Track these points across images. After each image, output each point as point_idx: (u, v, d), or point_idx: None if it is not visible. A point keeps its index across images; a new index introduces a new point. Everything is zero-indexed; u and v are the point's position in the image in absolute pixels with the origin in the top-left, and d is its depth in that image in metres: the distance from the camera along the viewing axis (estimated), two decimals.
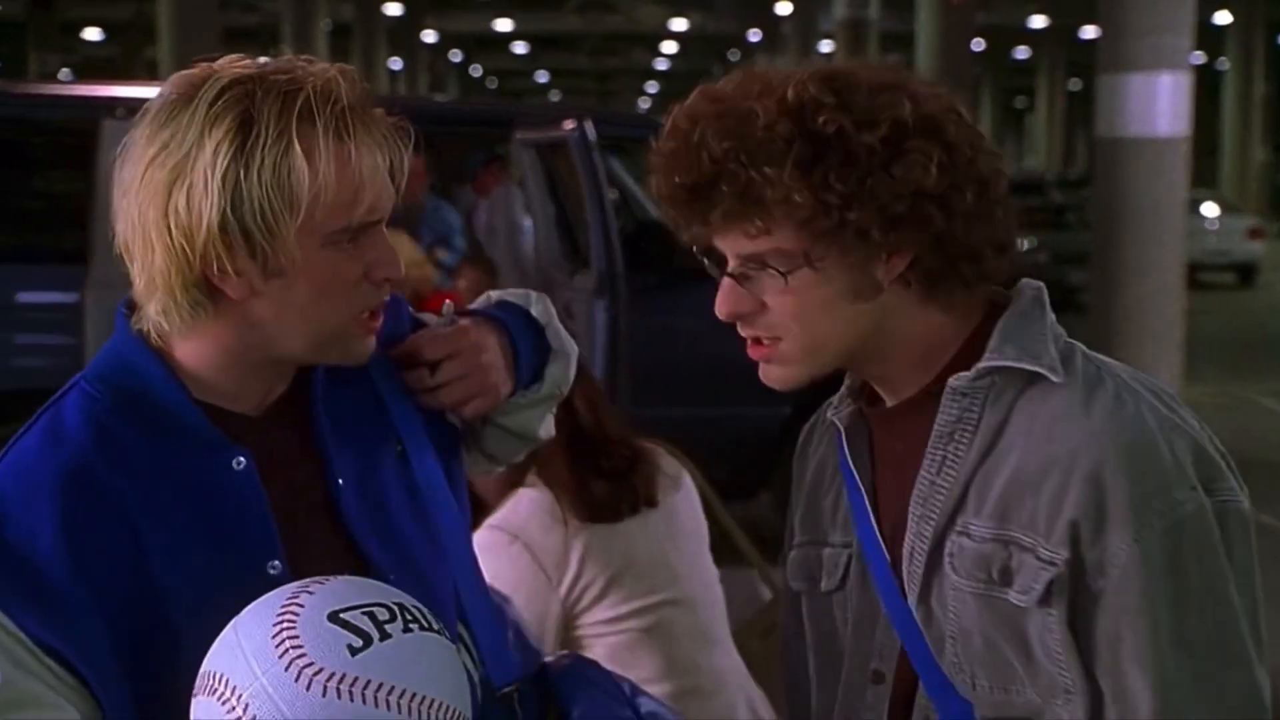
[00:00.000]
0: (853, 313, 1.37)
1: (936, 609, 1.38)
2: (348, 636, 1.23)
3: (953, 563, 1.36)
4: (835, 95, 1.32)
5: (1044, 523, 1.32)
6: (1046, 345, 1.39)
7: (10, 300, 6.16)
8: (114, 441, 1.37)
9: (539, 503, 2.57)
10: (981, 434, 1.37)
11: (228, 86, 1.34)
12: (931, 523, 1.38)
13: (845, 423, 1.48)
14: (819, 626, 1.53)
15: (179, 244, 1.33)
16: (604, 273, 6.09)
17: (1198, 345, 12.60)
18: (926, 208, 1.32)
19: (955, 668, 1.37)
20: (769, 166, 1.31)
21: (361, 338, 1.43)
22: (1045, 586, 1.31)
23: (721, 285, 1.40)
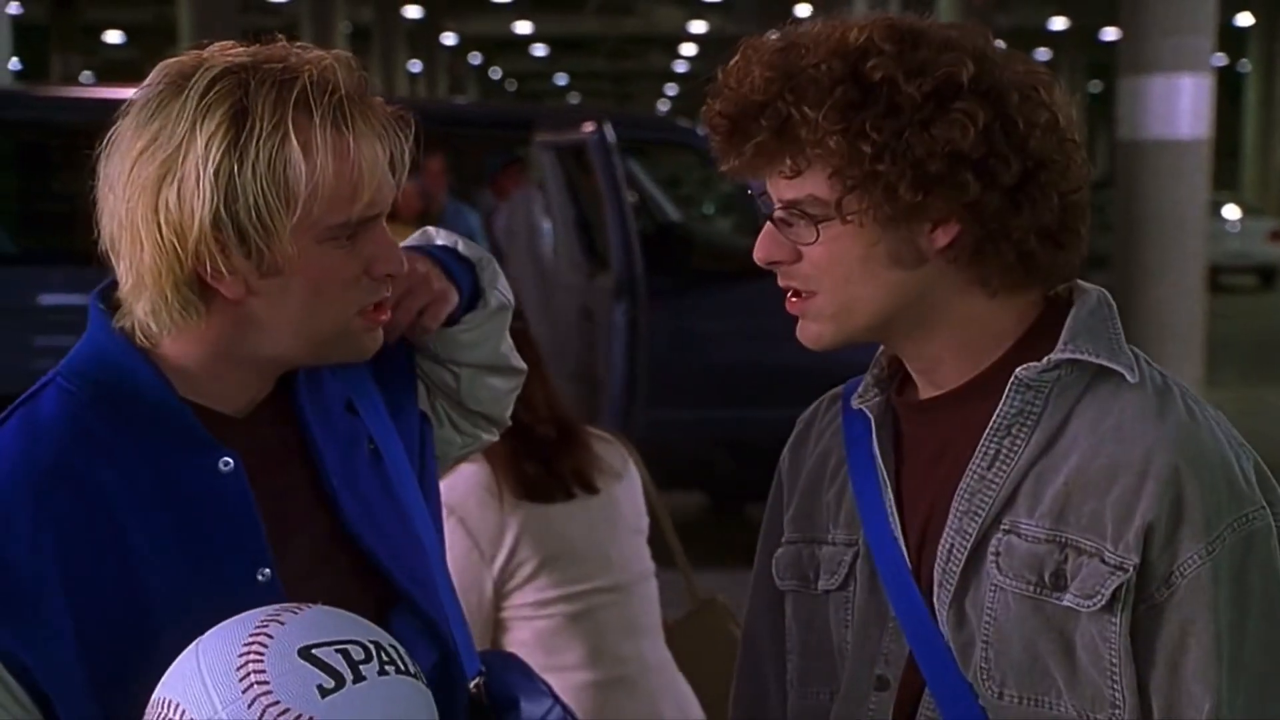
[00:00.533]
0: (890, 279, 1.32)
1: (970, 611, 1.32)
2: (319, 676, 1.14)
3: (998, 562, 1.31)
4: (895, 44, 1.28)
5: (1111, 526, 1.27)
6: (1121, 344, 1.35)
7: (32, 302, 6.20)
8: (95, 439, 1.30)
9: (478, 477, 2.58)
10: (1041, 430, 1.32)
11: (219, 76, 1.27)
12: (977, 519, 1.32)
13: (875, 412, 1.42)
14: (809, 628, 1.47)
15: (169, 242, 1.26)
16: (623, 275, 6.10)
17: (1218, 348, 12.55)
18: (962, 172, 1.27)
19: (983, 674, 1.31)
20: (809, 106, 1.27)
21: (367, 333, 1.36)
22: (1112, 592, 1.26)
23: (763, 229, 1.36)
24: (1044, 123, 1.30)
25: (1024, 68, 1.33)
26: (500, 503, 2.57)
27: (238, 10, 14.90)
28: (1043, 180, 1.30)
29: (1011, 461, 1.32)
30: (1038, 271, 1.33)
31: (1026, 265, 1.32)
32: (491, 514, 2.57)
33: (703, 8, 28.39)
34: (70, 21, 25.86)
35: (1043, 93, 1.31)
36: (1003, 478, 1.32)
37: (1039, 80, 1.33)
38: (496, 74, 46.37)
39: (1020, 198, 1.29)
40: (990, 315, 1.35)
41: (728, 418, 6.53)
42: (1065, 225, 1.32)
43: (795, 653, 1.49)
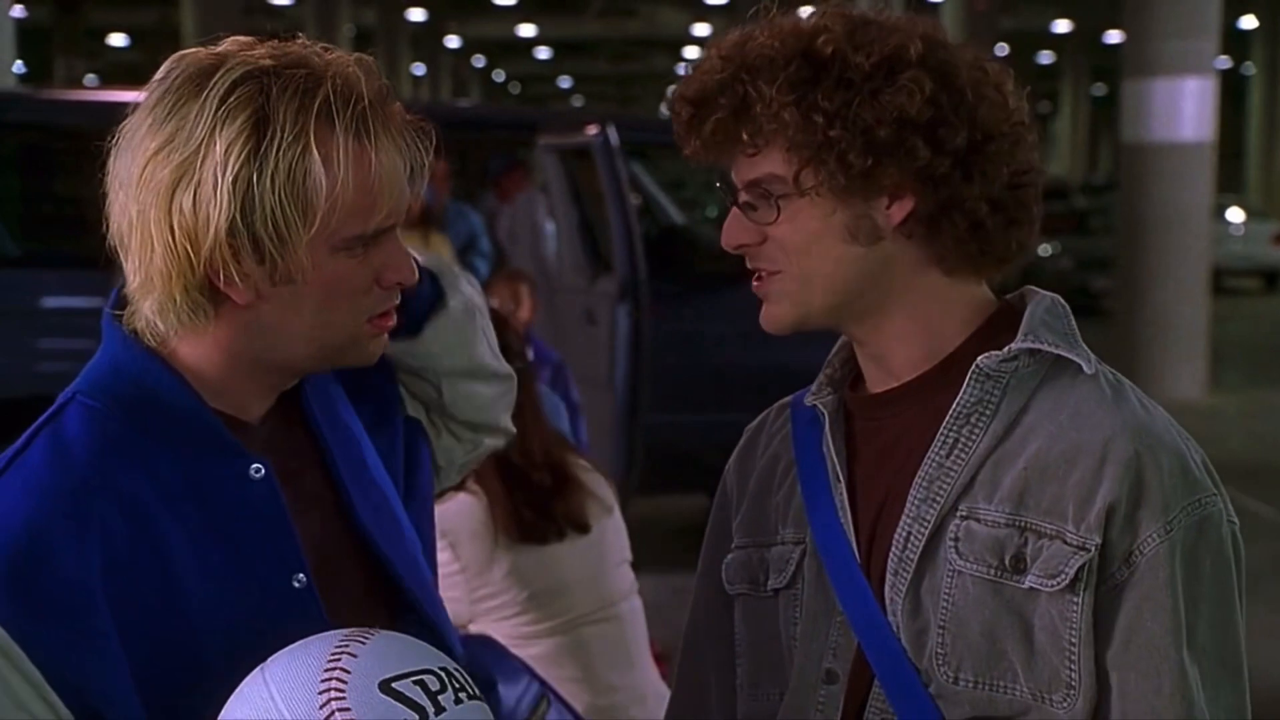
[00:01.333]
0: (849, 254, 1.36)
1: (926, 598, 1.34)
2: (403, 711, 1.14)
3: (957, 547, 1.33)
4: (845, 24, 1.34)
5: (1073, 508, 1.30)
6: (1078, 338, 1.39)
7: (35, 305, 6.20)
8: (128, 453, 1.29)
9: (472, 510, 2.61)
10: (999, 419, 1.35)
11: (241, 80, 1.25)
12: (935, 506, 1.35)
13: (829, 409, 1.45)
14: (758, 629, 1.48)
15: (181, 246, 1.24)
16: (626, 278, 6.10)
17: (1222, 351, 12.55)
18: (911, 138, 1.31)
19: (939, 659, 1.33)
20: (764, 82, 1.32)
21: (373, 340, 1.36)
22: (1075, 572, 1.29)
23: (729, 215, 1.40)
24: (992, 98, 1.35)
25: (974, 55, 1.38)
26: (493, 541, 2.61)
27: (241, 13, 14.92)
28: (991, 151, 1.34)
29: (970, 449, 1.35)
30: (991, 247, 1.37)
31: (979, 239, 1.36)
32: (482, 548, 2.61)
33: (705, 10, 28.40)
34: (74, 24, 25.88)
35: (990, 74, 1.36)
36: (961, 465, 1.35)
37: (989, 68, 1.37)
38: (500, 77, 46.41)
39: (970, 167, 1.33)
40: (947, 298, 1.39)
41: (731, 420, 6.52)
42: (1018, 200, 1.37)
43: (745, 656, 1.50)
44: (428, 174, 1.34)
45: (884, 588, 1.36)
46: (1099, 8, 25.30)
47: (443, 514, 2.56)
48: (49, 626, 1.22)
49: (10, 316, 6.26)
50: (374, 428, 1.48)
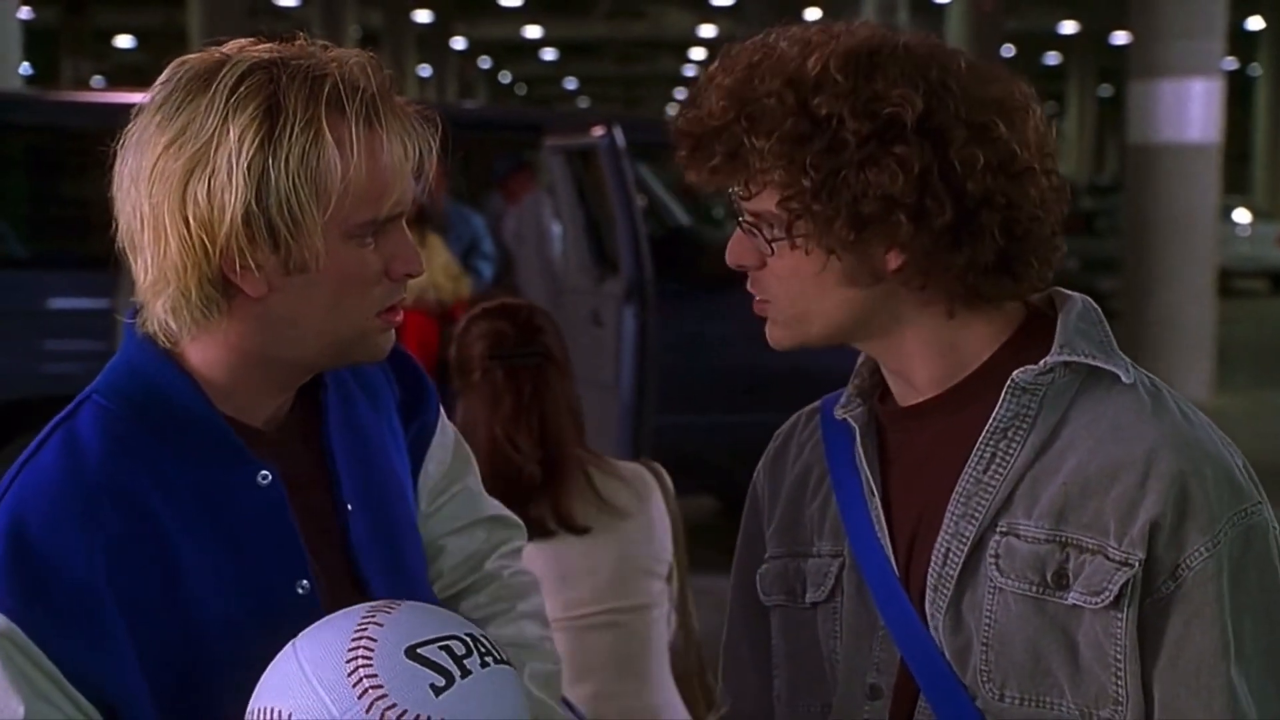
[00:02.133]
0: (846, 295, 1.35)
1: (968, 614, 1.33)
2: (430, 675, 1.16)
3: (998, 564, 1.32)
4: (850, 78, 1.30)
5: (1114, 523, 1.28)
6: (1113, 346, 1.37)
7: (43, 306, 6.21)
8: (137, 455, 1.30)
9: None
10: (1036, 432, 1.33)
11: (249, 71, 1.26)
12: (975, 522, 1.33)
13: (859, 421, 1.43)
14: (796, 641, 1.47)
15: (198, 236, 1.25)
16: (633, 279, 6.09)
17: (1229, 352, 12.53)
18: (895, 213, 1.29)
19: (983, 676, 1.32)
20: (759, 136, 1.30)
21: (382, 333, 1.36)
22: (1119, 588, 1.27)
23: (734, 232, 1.39)
24: (991, 162, 1.30)
25: (997, 89, 1.33)
26: None
27: (247, 14, 14.94)
28: (983, 220, 1.31)
29: (1008, 464, 1.34)
30: (989, 297, 1.35)
31: (974, 293, 1.34)
32: None
33: (712, 11, 28.41)
34: (80, 26, 25.92)
35: (1001, 122, 1.31)
36: (999, 480, 1.33)
37: (1006, 103, 1.33)
38: (506, 78, 46.42)
39: (960, 236, 1.31)
40: (956, 333, 1.37)
41: (738, 422, 6.52)
42: (1016, 256, 1.33)
43: (782, 667, 1.49)
44: (434, 162, 1.35)
45: (924, 603, 1.35)
46: (1105, 9, 25.27)
47: None
48: (62, 626, 1.24)
49: (17, 317, 6.27)
50: (406, 423, 1.50)
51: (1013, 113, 1.33)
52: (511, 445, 2.60)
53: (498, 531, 1.61)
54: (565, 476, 2.64)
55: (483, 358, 2.63)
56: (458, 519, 1.57)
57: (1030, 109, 1.35)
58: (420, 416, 1.52)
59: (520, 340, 2.65)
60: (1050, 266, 1.37)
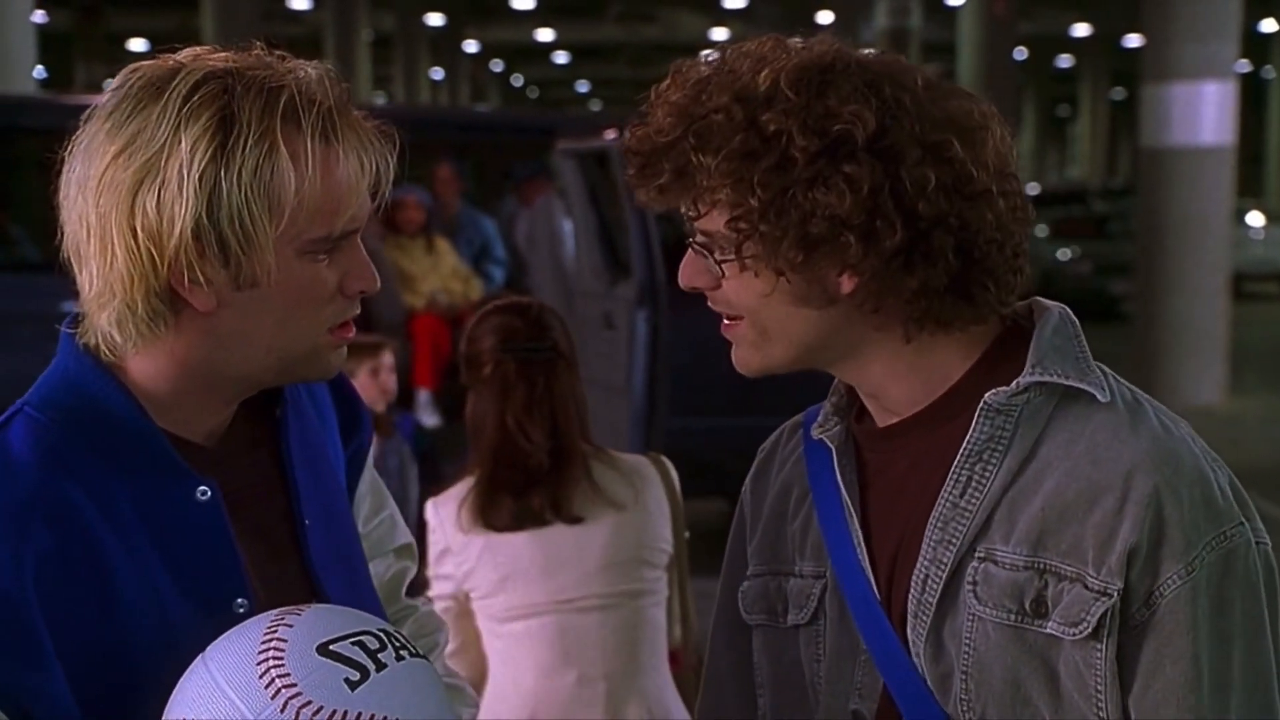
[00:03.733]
0: (800, 314, 1.32)
1: (948, 642, 1.30)
2: (344, 670, 1.14)
3: (975, 591, 1.29)
4: (801, 94, 1.26)
5: (1093, 551, 1.26)
6: (1089, 363, 1.33)
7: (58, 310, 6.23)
8: (71, 468, 1.26)
9: (463, 489, 2.71)
10: (1013, 454, 1.30)
11: (203, 80, 1.23)
12: (952, 548, 1.30)
13: (835, 441, 1.40)
14: (778, 662, 1.44)
15: (145, 248, 1.21)
16: (645, 282, 6.09)
17: (1242, 356, 12.49)
18: (844, 234, 1.26)
19: (963, 705, 1.29)
20: (706, 153, 1.27)
21: (333, 351, 1.33)
22: (1098, 619, 1.25)
23: (686, 253, 1.37)
24: (944, 182, 1.27)
25: (954, 106, 1.30)
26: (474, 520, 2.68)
27: (260, 17, 14.97)
28: (935, 242, 1.27)
29: (984, 488, 1.31)
30: (945, 322, 1.32)
31: (931, 317, 1.31)
32: (464, 523, 2.68)
33: (724, 15, 28.41)
34: (94, 30, 25.99)
35: (956, 143, 1.28)
36: (976, 505, 1.31)
37: (963, 123, 1.29)
38: (518, 81, 46.44)
39: (913, 259, 1.28)
40: (919, 356, 1.34)
41: (749, 425, 6.51)
42: (971, 280, 1.30)
43: (766, 688, 1.47)
44: (391, 178, 1.32)
45: (906, 629, 1.33)
46: (1118, 11, 25.22)
47: (448, 493, 2.70)
48: None
49: (32, 320, 6.28)
50: (344, 440, 1.49)
51: (971, 132, 1.30)
52: (523, 435, 2.67)
53: (403, 559, 1.60)
54: (569, 467, 2.70)
55: (494, 351, 2.69)
56: (383, 544, 1.56)
57: (990, 128, 1.31)
58: (357, 436, 1.51)
59: (531, 335, 2.70)
60: (1010, 290, 1.33)
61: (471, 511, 2.67)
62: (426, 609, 1.63)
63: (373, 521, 1.54)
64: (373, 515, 1.55)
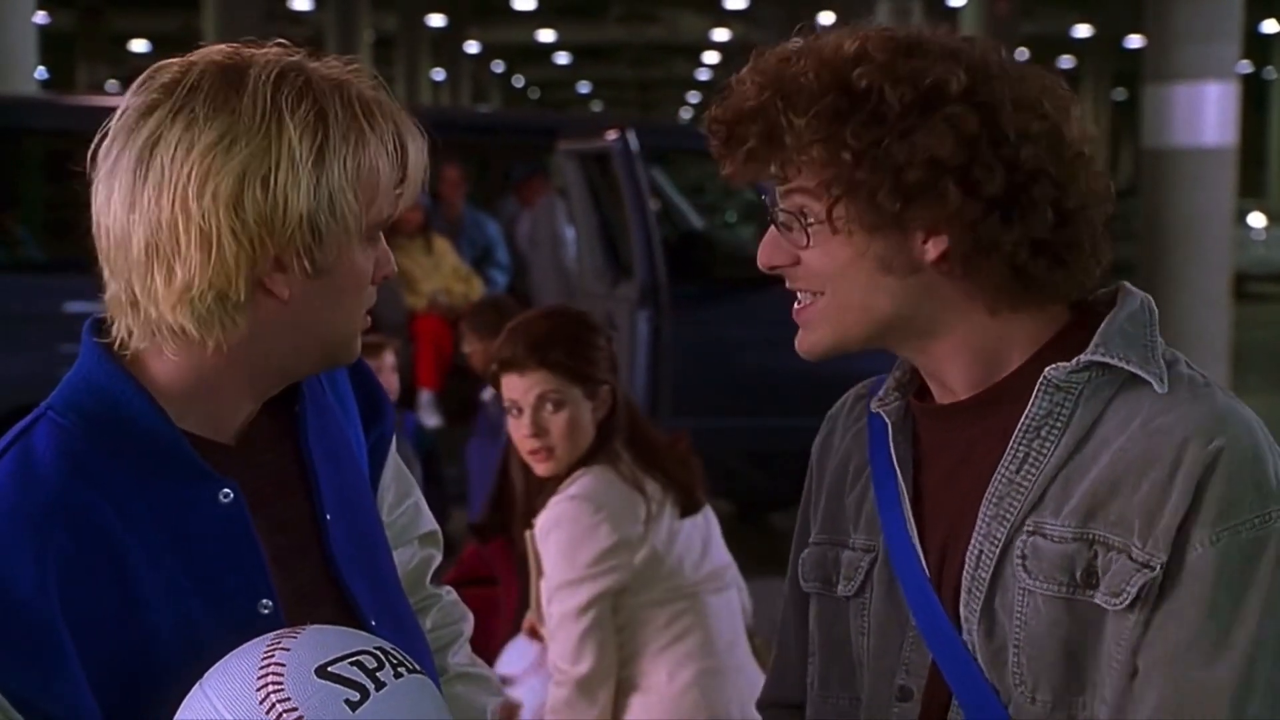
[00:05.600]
0: (885, 284, 1.31)
1: (1001, 616, 1.30)
2: (344, 691, 1.14)
3: (1025, 565, 1.29)
4: (887, 54, 1.28)
5: (1139, 521, 1.25)
6: (1154, 351, 1.32)
7: (61, 310, 6.23)
8: (93, 474, 1.26)
9: (615, 480, 2.69)
10: (1071, 432, 1.30)
11: (284, 73, 1.26)
12: (1006, 523, 1.30)
13: (893, 417, 1.41)
14: (829, 632, 1.46)
15: (256, 235, 1.23)
16: (647, 283, 6.10)
17: (1244, 357, 12.49)
18: (943, 181, 1.25)
19: (1016, 678, 1.29)
20: (795, 113, 1.27)
21: (360, 335, 1.36)
22: (1138, 590, 1.24)
23: (767, 233, 1.37)
24: (1040, 134, 1.27)
25: (1038, 82, 1.31)
26: (646, 504, 2.68)
27: (262, 18, 14.97)
28: (1035, 193, 1.27)
29: (1040, 464, 1.30)
30: (1036, 288, 1.31)
31: (1022, 281, 1.30)
32: (634, 510, 2.67)
33: (726, 15, 28.40)
34: (96, 30, 26.01)
35: (1048, 105, 1.29)
36: (1031, 480, 1.30)
37: (1050, 94, 1.31)
38: (520, 82, 46.44)
39: (1011, 210, 1.27)
40: (995, 332, 1.34)
41: (751, 426, 6.52)
42: (1066, 241, 1.29)
43: (816, 655, 1.48)
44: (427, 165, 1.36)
45: (958, 606, 1.33)
46: (1120, 12, 25.23)
47: (591, 489, 2.67)
48: (7, 648, 1.21)
49: (35, 321, 6.29)
50: (367, 429, 1.50)
51: (1061, 98, 1.31)
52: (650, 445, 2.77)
53: (428, 547, 1.60)
54: (689, 458, 2.84)
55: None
56: (407, 531, 1.56)
57: (1072, 105, 1.32)
58: (379, 426, 1.52)
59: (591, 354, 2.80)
60: (1095, 266, 1.33)
61: (674, 503, 2.72)
62: (450, 598, 1.62)
63: (397, 510, 1.55)
64: (397, 503, 1.55)
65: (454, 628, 1.60)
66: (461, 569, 3.39)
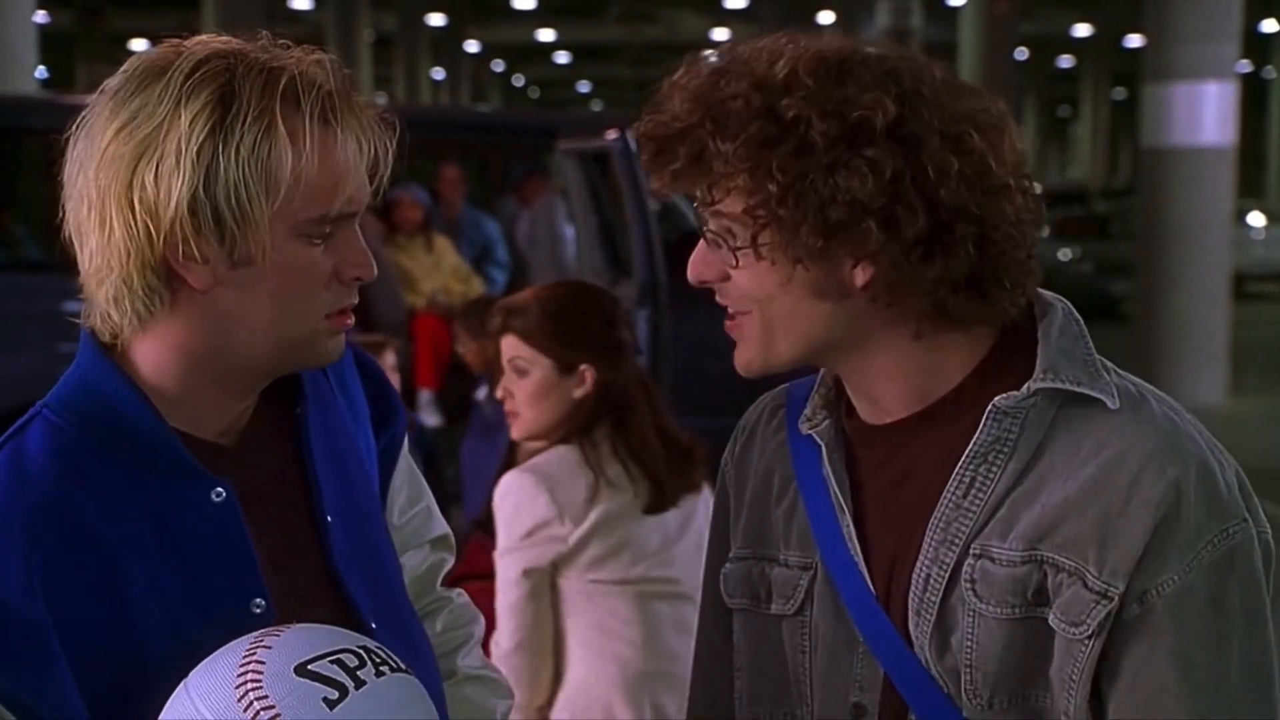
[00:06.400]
0: (813, 308, 1.31)
1: (952, 637, 1.30)
2: (322, 689, 1.14)
3: (975, 588, 1.29)
4: (819, 80, 1.26)
5: (1094, 548, 1.25)
6: (1097, 367, 1.32)
7: (60, 310, 6.24)
8: (84, 475, 1.26)
9: (570, 456, 2.68)
10: (1018, 456, 1.29)
11: (205, 60, 1.25)
12: (954, 548, 1.30)
13: (825, 437, 1.39)
14: (759, 647, 1.43)
15: (142, 221, 1.22)
16: (646, 282, 6.10)
17: (1243, 356, 12.49)
18: (865, 220, 1.24)
19: (969, 693, 1.30)
20: (724, 139, 1.26)
21: (331, 336, 1.32)
22: (1099, 623, 1.24)
23: (697, 246, 1.36)
24: (965, 172, 1.26)
25: (970, 106, 1.29)
26: (594, 484, 2.66)
27: (262, 18, 14.97)
28: (958, 232, 1.26)
29: (988, 489, 1.30)
30: (959, 318, 1.31)
31: (945, 312, 1.30)
32: (581, 489, 2.65)
33: (726, 15, 28.42)
34: (96, 30, 26.01)
35: (975, 136, 1.28)
36: (979, 505, 1.30)
37: (980, 121, 1.29)
38: (519, 81, 46.45)
39: (933, 249, 1.27)
40: (925, 356, 1.33)
41: None
42: (988, 276, 1.29)
43: (744, 670, 1.46)
44: (390, 165, 1.33)
45: (908, 626, 1.32)
46: (1119, 11, 25.23)
47: (543, 463, 2.67)
48: None
49: (35, 320, 6.29)
50: (378, 430, 1.48)
51: (989, 128, 1.29)
52: (640, 438, 2.71)
53: (440, 550, 1.59)
54: (683, 453, 2.77)
55: (631, 341, 2.77)
56: (419, 535, 1.55)
57: (1006, 127, 1.31)
58: (390, 429, 1.51)
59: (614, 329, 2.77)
60: (1023, 291, 1.32)
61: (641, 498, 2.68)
62: (462, 601, 1.62)
63: (409, 513, 1.54)
64: (409, 506, 1.54)
65: (465, 630, 1.60)
66: (466, 564, 3.40)
